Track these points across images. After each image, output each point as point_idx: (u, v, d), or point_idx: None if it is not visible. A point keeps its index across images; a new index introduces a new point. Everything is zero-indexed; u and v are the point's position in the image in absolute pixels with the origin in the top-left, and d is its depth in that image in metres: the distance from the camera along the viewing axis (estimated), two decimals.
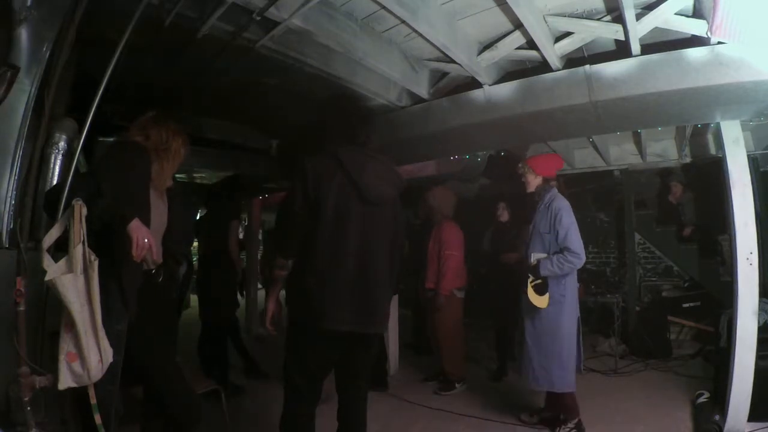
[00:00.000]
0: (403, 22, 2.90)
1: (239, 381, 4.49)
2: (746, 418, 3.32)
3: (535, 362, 3.45)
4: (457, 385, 4.58)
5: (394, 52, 3.52)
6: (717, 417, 3.43)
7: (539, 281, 3.43)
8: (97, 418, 1.90)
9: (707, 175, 4.88)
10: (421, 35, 3.05)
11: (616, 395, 4.12)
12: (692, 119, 3.93)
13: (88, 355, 1.81)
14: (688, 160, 5.42)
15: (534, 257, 3.49)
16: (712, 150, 5.02)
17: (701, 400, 3.85)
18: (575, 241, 3.35)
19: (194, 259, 4.83)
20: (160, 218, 2.28)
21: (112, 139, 2.43)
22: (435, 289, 4.57)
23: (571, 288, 3.46)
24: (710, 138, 5.04)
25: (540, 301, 3.40)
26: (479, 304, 5.15)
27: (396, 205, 2.49)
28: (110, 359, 1.89)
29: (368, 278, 2.29)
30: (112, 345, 1.90)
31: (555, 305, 3.41)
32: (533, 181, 3.68)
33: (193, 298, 5.09)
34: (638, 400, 4.15)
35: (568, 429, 3.46)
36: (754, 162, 3.39)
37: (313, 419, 2.39)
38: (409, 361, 5.43)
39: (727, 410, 3.35)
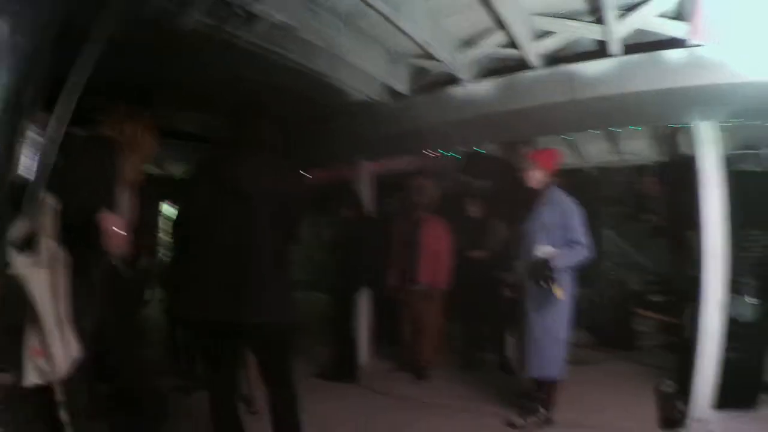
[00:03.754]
0: (387, 18, 2.79)
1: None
2: (710, 407, 3.34)
3: (547, 353, 3.36)
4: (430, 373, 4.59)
5: (376, 48, 3.46)
6: (682, 405, 3.43)
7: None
8: (65, 416, 1.81)
9: (679, 174, 4.87)
10: (403, 32, 2.95)
11: (583, 385, 4.10)
12: (669, 119, 3.95)
13: (54, 351, 1.71)
14: (662, 158, 5.42)
15: (541, 251, 3.35)
16: (686, 149, 5.01)
17: (666, 389, 3.84)
18: (587, 237, 3.34)
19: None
20: (127, 212, 2.20)
21: (84, 133, 2.34)
22: (431, 283, 4.53)
23: (568, 279, 3.39)
24: (684, 137, 5.02)
25: (559, 293, 3.30)
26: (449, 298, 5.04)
27: (285, 197, 2.38)
28: (76, 355, 1.81)
29: (237, 270, 2.24)
30: (78, 340, 1.82)
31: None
32: (536, 177, 3.48)
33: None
34: (605, 390, 4.15)
35: (544, 415, 3.45)
36: (727, 162, 3.39)
37: (233, 409, 2.43)
38: (379, 353, 5.27)
39: (692, 399, 3.36)
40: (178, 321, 2.39)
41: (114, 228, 1.87)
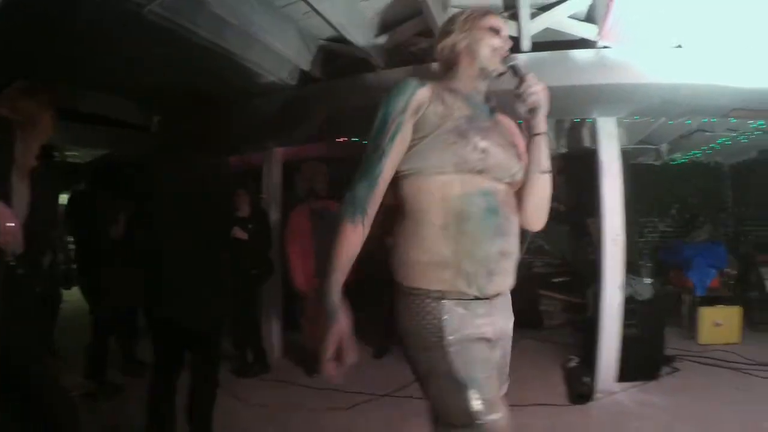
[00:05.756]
0: None
1: (117, 380, 4.15)
2: (615, 380, 3.84)
3: None
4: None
5: (290, 29, 3.43)
6: (588, 379, 3.89)
7: None
8: None
9: (581, 165, 5.39)
10: (318, 13, 2.98)
11: None
12: (573, 114, 4.37)
13: None
14: (564, 150, 5.94)
15: None
16: (587, 142, 5.54)
17: (572, 364, 4.32)
18: None
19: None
20: (22, 201, 2.07)
21: None
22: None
23: None
24: (586, 131, 5.54)
25: None
26: (362, 285, 5.14)
27: (212, 194, 2.66)
28: None
29: (169, 267, 2.53)
30: None
31: None
32: None
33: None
34: (514, 368, 4.52)
35: None
36: (624, 155, 3.85)
37: (167, 393, 2.73)
38: (293, 344, 5.26)
39: (598, 373, 3.83)
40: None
41: (5, 222, 1.79)
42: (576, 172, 5.67)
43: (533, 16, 3.05)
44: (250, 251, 4.36)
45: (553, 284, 6.35)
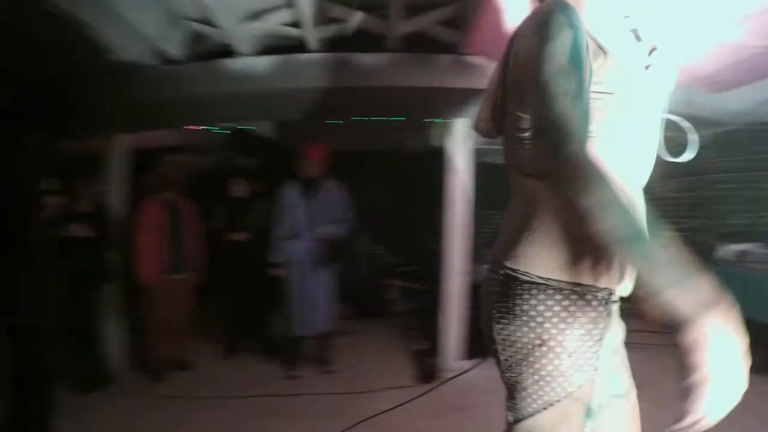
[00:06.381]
0: None
1: None
2: (463, 357, 4.28)
3: (326, 311, 4.34)
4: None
5: (152, 4, 3.24)
6: (433, 360, 4.32)
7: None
8: None
9: (431, 161, 5.84)
10: None
11: (348, 353, 4.71)
12: (431, 114, 4.74)
13: None
14: (417, 147, 6.36)
15: (322, 229, 4.29)
16: (438, 141, 6.00)
17: (418, 347, 4.74)
18: (349, 213, 4.49)
19: None
20: None
21: None
22: (195, 270, 4.47)
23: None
24: (438, 130, 5.97)
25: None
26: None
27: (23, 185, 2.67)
28: None
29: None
30: None
31: None
32: (313, 168, 4.32)
33: None
34: (365, 354, 4.85)
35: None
36: (474, 153, 4.29)
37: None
38: (135, 350, 4.69)
39: (446, 353, 4.28)
40: None
41: None
42: (425, 167, 6.13)
43: (404, 18, 3.28)
44: (89, 250, 3.97)
45: (398, 273, 6.75)
